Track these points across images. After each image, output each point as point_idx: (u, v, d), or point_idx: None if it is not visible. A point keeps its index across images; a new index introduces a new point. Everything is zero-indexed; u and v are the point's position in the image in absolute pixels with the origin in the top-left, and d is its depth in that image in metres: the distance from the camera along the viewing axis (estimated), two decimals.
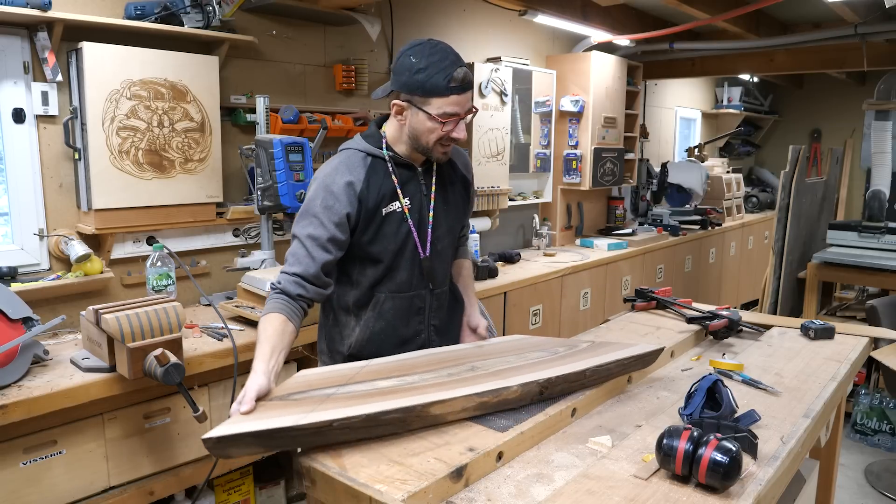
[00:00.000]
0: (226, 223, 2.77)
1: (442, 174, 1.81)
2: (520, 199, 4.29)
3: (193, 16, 2.52)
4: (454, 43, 3.85)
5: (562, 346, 1.76)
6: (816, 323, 2.08)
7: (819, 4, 3.78)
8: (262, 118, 2.63)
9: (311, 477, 1.20)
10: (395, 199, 1.71)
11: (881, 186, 4.18)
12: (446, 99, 1.59)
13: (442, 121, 1.61)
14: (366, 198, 1.67)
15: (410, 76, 1.59)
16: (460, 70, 1.59)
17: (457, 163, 1.87)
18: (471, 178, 1.91)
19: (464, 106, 1.62)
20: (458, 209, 1.87)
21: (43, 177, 2.36)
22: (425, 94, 1.59)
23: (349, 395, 1.36)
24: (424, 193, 1.76)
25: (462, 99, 1.61)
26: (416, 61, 1.59)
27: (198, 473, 2.14)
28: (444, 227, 1.80)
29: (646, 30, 4.37)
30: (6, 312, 1.85)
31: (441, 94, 1.59)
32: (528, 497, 1.13)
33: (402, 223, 1.72)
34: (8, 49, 2.24)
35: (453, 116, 1.62)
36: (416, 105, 1.62)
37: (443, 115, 1.61)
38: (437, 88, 1.58)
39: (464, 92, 1.60)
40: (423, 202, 1.76)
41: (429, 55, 1.59)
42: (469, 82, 1.61)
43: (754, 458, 1.24)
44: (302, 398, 1.35)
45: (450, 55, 1.60)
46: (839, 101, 7.19)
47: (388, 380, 1.47)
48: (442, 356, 1.67)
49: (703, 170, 5.70)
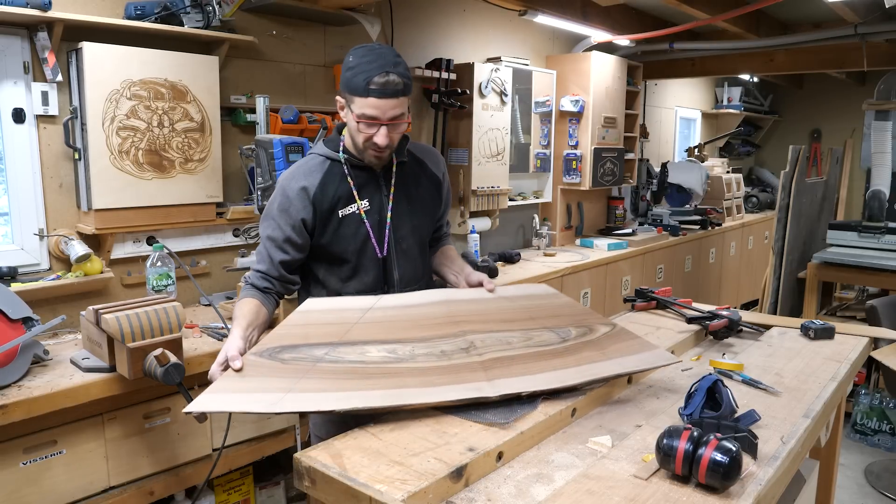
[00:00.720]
0: (226, 223, 2.77)
1: (405, 174, 1.82)
2: (520, 199, 4.29)
3: (193, 16, 2.52)
4: (454, 43, 3.89)
5: (576, 327, 1.67)
6: (816, 323, 2.08)
7: (819, 4, 3.78)
8: (262, 118, 2.63)
9: (311, 477, 1.20)
10: (353, 201, 1.74)
11: (881, 186, 4.18)
12: (365, 100, 1.59)
13: (358, 121, 1.62)
14: (319, 201, 1.71)
15: (343, 73, 1.63)
16: (384, 74, 1.57)
17: (426, 161, 1.88)
18: (441, 177, 1.91)
19: (384, 111, 1.60)
20: (427, 207, 1.87)
21: (43, 177, 2.36)
22: (350, 93, 1.62)
23: (334, 370, 1.39)
24: (385, 194, 1.78)
25: (382, 104, 1.59)
26: (351, 60, 1.61)
27: (198, 473, 2.14)
28: (409, 226, 1.81)
29: (646, 30, 4.37)
30: (6, 312, 1.85)
31: (360, 95, 1.59)
32: (528, 497, 1.13)
33: (360, 225, 1.74)
34: (8, 49, 2.24)
35: (373, 120, 1.61)
36: (348, 104, 1.65)
37: (361, 117, 1.61)
38: (357, 88, 1.59)
39: (383, 97, 1.58)
40: (383, 202, 1.77)
41: (363, 55, 1.61)
42: (392, 90, 1.58)
43: (754, 458, 1.24)
44: (290, 360, 1.39)
45: (382, 59, 1.59)
46: (839, 101, 7.18)
47: (379, 345, 1.47)
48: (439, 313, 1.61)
49: (703, 170, 5.70)
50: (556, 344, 1.61)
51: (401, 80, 1.60)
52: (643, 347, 1.64)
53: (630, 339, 1.67)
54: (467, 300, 1.69)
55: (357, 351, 1.45)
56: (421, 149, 1.90)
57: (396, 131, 1.67)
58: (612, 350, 1.61)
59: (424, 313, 1.60)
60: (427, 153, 1.91)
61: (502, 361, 1.51)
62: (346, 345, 1.46)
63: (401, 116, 1.64)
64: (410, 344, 1.50)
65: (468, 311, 1.65)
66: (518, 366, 1.51)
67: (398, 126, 1.66)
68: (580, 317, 1.72)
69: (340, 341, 1.46)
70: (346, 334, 1.48)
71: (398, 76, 1.59)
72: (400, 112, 1.63)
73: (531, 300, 1.74)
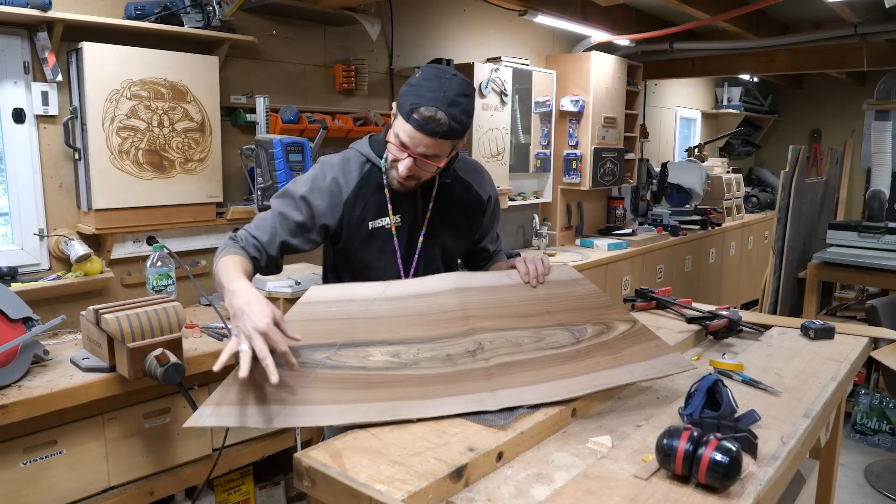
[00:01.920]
0: (226, 223, 2.76)
1: (446, 195, 1.69)
2: (520, 199, 4.29)
3: (193, 16, 2.52)
4: (454, 43, 3.89)
5: (593, 325, 1.60)
6: (816, 323, 2.08)
7: (819, 4, 3.78)
8: (262, 118, 2.63)
9: (311, 477, 1.20)
10: (385, 214, 1.63)
11: (881, 186, 4.18)
12: (404, 124, 1.48)
13: (389, 141, 1.53)
14: (350, 206, 1.61)
15: (404, 85, 1.53)
16: (432, 109, 1.44)
17: (471, 182, 1.75)
18: (486, 199, 1.78)
19: (416, 145, 1.48)
20: (461, 231, 1.76)
21: (43, 177, 2.36)
22: (398, 109, 1.51)
23: (334, 377, 1.35)
24: (420, 213, 1.66)
25: (417, 137, 1.47)
26: (416, 77, 1.51)
27: (198, 473, 2.14)
28: (439, 248, 1.71)
29: (646, 30, 4.38)
30: (6, 312, 1.85)
31: (403, 117, 1.48)
32: (528, 497, 1.13)
33: (388, 241, 1.64)
34: (8, 49, 2.24)
35: (402, 147, 1.50)
36: (394, 116, 1.55)
37: (395, 137, 1.51)
38: (402, 108, 1.49)
39: (420, 131, 1.46)
40: (417, 220, 1.66)
41: (427, 78, 1.49)
42: (432, 129, 1.45)
43: (754, 458, 1.24)
44: None
45: (443, 91, 1.46)
46: (839, 101, 7.18)
47: (383, 347, 1.43)
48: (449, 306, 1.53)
49: (703, 170, 5.70)
50: (568, 346, 1.55)
51: (448, 121, 1.46)
52: (660, 350, 1.58)
53: (648, 341, 1.61)
54: (483, 287, 1.60)
55: (359, 354, 1.41)
56: (468, 168, 1.77)
57: (423, 169, 1.54)
58: (626, 354, 1.56)
59: (434, 305, 1.52)
60: (474, 173, 1.77)
61: (509, 368, 1.47)
62: (349, 346, 1.42)
63: (433, 158, 1.51)
64: (416, 346, 1.46)
65: (482, 301, 1.57)
66: (524, 373, 1.47)
67: (426, 165, 1.53)
68: (600, 311, 1.65)
69: (343, 342, 1.42)
70: (350, 332, 1.44)
71: (448, 117, 1.45)
72: (433, 153, 1.50)
73: (552, 288, 1.66)
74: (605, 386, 1.47)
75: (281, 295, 2.31)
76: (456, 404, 1.38)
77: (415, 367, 1.43)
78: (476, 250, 1.87)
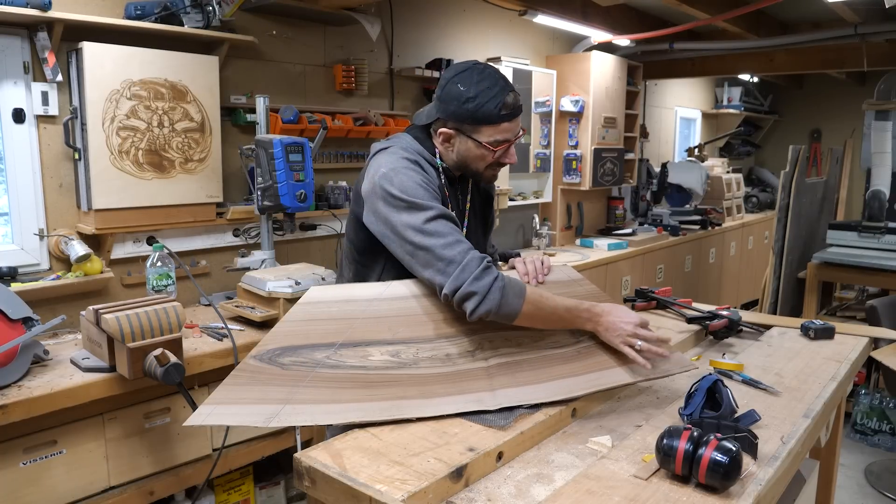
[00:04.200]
0: (226, 223, 2.77)
1: (474, 190, 1.79)
2: (520, 199, 4.29)
3: (193, 16, 2.52)
4: (454, 43, 3.88)
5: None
6: (816, 323, 2.08)
7: (819, 4, 3.78)
8: (262, 118, 2.63)
9: (311, 477, 1.20)
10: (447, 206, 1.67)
11: (881, 186, 4.18)
12: (497, 127, 1.54)
13: (493, 149, 1.57)
14: None
15: (459, 105, 1.53)
16: (511, 95, 1.53)
17: None
18: (494, 194, 1.90)
19: (514, 131, 1.58)
20: (485, 225, 1.87)
21: (43, 177, 2.36)
22: (476, 123, 1.54)
23: (334, 377, 1.36)
24: (461, 208, 1.73)
25: (513, 125, 1.56)
26: (465, 90, 1.52)
27: (198, 473, 2.14)
28: (474, 241, 1.72)
29: (646, 30, 4.38)
30: (6, 312, 1.85)
31: (492, 123, 1.53)
32: (528, 497, 1.13)
33: None
34: (8, 49, 2.24)
35: (504, 143, 1.57)
36: (465, 133, 1.56)
37: (493, 143, 1.56)
38: (490, 117, 1.52)
39: (514, 118, 1.56)
40: (460, 217, 1.72)
41: (477, 82, 1.52)
42: (519, 107, 1.56)
43: (754, 458, 1.24)
44: (290, 364, 1.36)
45: (499, 81, 1.54)
46: (839, 101, 7.18)
47: (383, 347, 1.43)
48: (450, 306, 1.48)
49: (703, 170, 5.70)
50: (568, 346, 1.55)
51: (518, 97, 1.57)
52: None
53: None
54: None
55: (359, 354, 1.42)
56: None
57: None
58: None
59: (434, 305, 1.53)
60: None
61: (508, 367, 1.48)
62: (349, 346, 1.43)
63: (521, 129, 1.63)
64: (415, 345, 1.46)
65: None
66: (524, 373, 1.47)
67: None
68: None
69: (343, 341, 1.43)
70: (350, 331, 1.44)
71: (515, 94, 1.56)
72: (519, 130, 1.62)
73: (551, 288, 1.67)
74: (606, 386, 1.47)
75: (281, 295, 2.31)
76: (455, 404, 1.38)
77: (414, 367, 1.43)
78: None
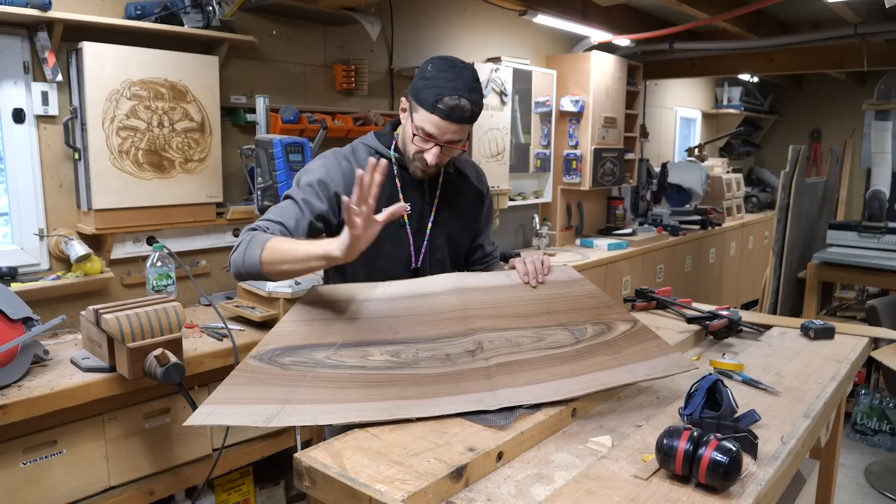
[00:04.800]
0: (226, 223, 2.76)
1: (450, 184, 1.78)
2: (520, 199, 4.29)
3: (193, 16, 2.52)
4: (454, 43, 3.88)
5: (593, 325, 1.61)
6: (816, 323, 2.08)
7: (819, 4, 3.78)
8: (262, 118, 2.63)
9: (311, 477, 1.20)
10: (396, 201, 1.65)
11: (881, 186, 4.18)
12: (429, 116, 1.55)
13: (415, 133, 1.59)
14: None
15: (417, 80, 1.59)
16: (456, 98, 1.53)
17: (469, 175, 1.84)
18: (485, 192, 1.87)
19: (443, 133, 1.56)
20: (467, 220, 1.83)
21: (43, 177, 2.36)
22: (417, 103, 1.58)
23: (334, 377, 1.36)
24: (427, 200, 1.73)
25: (443, 125, 1.55)
26: (430, 70, 1.57)
27: (198, 473, 2.14)
28: (446, 236, 1.77)
29: (646, 30, 4.38)
30: (6, 312, 1.85)
31: (426, 109, 1.55)
32: (528, 497, 1.13)
33: (399, 229, 1.70)
34: (8, 49, 2.24)
35: (429, 137, 1.57)
36: (411, 110, 1.61)
37: (419, 130, 1.58)
38: (425, 102, 1.55)
39: (448, 120, 1.54)
40: (425, 209, 1.73)
41: (443, 70, 1.56)
42: (459, 116, 1.55)
43: (754, 458, 1.24)
44: (290, 365, 1.36)
45: (461, 80, 1.55)
46: (839, 101, 7.18)
47: (383, 347, 1.43)
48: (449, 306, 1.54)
49: (703, 170, 5.70)
50: (568, 346, 1.55)
51: (471, 107, 1.56)
52: (661, 350, 1.58)
53: (648, 340, 1.60)
54: (483, 287, 1.61)
55: (359, 354, 1.42)
56: (463, 161, 1.86)
57: (448, 155, 1.64)
58: (627, 354, 1.55)
59: (434, 305, 1.53)
60: (469, 167, 1.88)
61: (508, 367, 1.47)
62: (348, 346, 1.42)
63: (458, 142, 1.61)
64: (415, 345, 1.46)
65: (481, 301, 1.58)
66: (524, 372, 1.47)
67: (451, 151, 1.62)
68: (600, 311, 1.65)
69: (343, 341, 1.43)
70: (350, 331, 1.44)
71: (470, 103, 1.55)
72: (458, 138, 1.60)
73: (551, 288, 1.67)
74: (606, 386, 1.47)
75: (281, 295, 2.31)
76: (455, 404, 1.38)
77: (414, 367, 1.43)
78: (473, 247, 1.91)
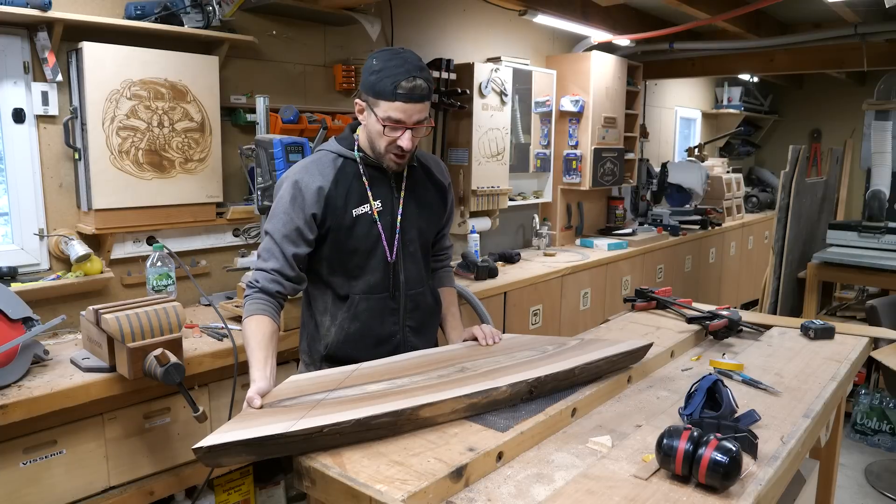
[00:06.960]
0: (226, 223, 2.76)
1: (414, 178, 1.84)
2: (520, 199, 4.29)
3: (193, 16, 2.51)
4: (454, 43, 3.89)
5: (551, 345, 1.78)
6: (816, 323, 2.08)
7: (819, 4, 3.78)
8: (262, 118, 2.63)
9: (311, 477, 1.20)
10: (366, 201, 1.74)
11: (881, 186, 4.18)
12: (392, 104, 1.60)
13: (384, 124, 1.63)
14: (333, 199, 1.70)
15: (367, 77, 1.64)
16: (412, 79, 1.59)
17: (431, 169, 1.90)
18: (447, 185, 1.93)
19: (410, 116, 1.62)
20: (433, 213, 1.89)
21: (43, 177, 2.36)
22: (376, 96, 1.62)
23: (339, 400, 1.37)
24: (395, 196, 1.78)
25: (409, 108, 1.61)
26: (375, 63, 1.63)
27: (198, 473, 2.14)
28: (416, 229, 1.82)
29: (646, 30, 4.37)
30: (6, 312, 1.85)
31: (387, 98, 1.60)
32: (528, 497, 1.13)
33: (372, 225, 1.74)
34: (8, 49, 2.24)
35: (398, 123, 1.63)
36: (370, 106, 1.65)
37: (387, 120, 1.62)
38: (384, 92, 1.60)
39: (410, 101, 1.60)
40: (394, 204, 1.78)
41: (388, 59, 1.62)
42: (420, 95, 1.61)
43: (754, 458, 1.24)
44: (292, 405, 1.36)
45: (408, 63, 1.61)
46: (839, 101, 7.18)
47: (378, 383, 1.47)
48: (432, 358, 1.68)
49: (703, 170, 5.70)
50: (537, 353, 1.71)
51: (426, 84, 1.63)
52: (618, 342, 1.77)
53: (603, 342, 1.78)
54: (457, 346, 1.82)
55: (357, 388, 1.45)
56: (425, 156, 1.92)
57: (419, 135, 1.70)
58: (591, 348, 1.72)
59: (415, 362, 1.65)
60: (431, 160, 1.93)
61: (498, 371, 1.57)
62: (345, 388, 1.45)
63: (424, 121, 1.67)
64: (408, 377, 1.53)
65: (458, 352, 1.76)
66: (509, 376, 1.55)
67: (420, 130, 1.68)
68: (552, 339, 1.85)
69: (339, 387, 1.45)
70: (343, 382, 1.48)
71: (424, 81, 1.62)
72: (424, 116, 1.66)
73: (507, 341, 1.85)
74: (587, 360, 1.61)
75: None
76: (462, 391, 1.42)
77: (413, 386, 1.47)
78: (436, 240, 1.97)
